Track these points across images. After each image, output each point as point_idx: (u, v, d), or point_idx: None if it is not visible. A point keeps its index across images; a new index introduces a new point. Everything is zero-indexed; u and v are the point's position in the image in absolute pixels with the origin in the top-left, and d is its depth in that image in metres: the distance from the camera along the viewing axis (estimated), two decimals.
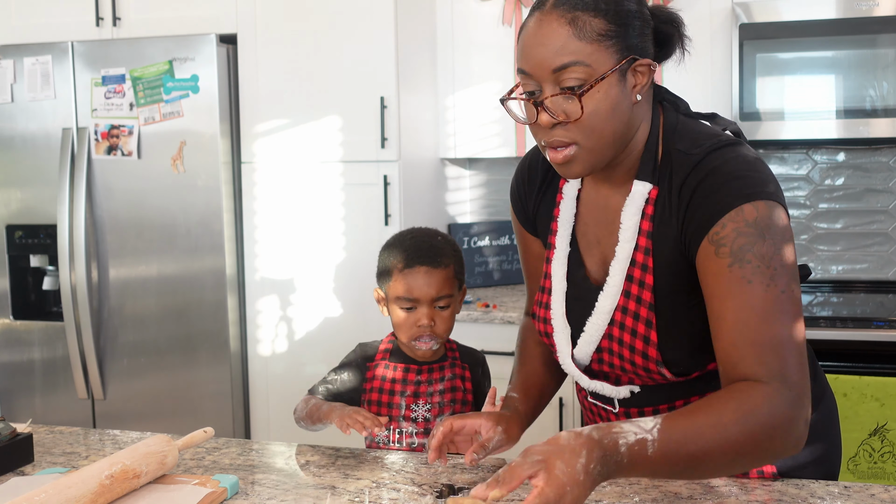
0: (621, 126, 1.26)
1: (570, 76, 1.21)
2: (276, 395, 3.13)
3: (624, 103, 1.24)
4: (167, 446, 1.40)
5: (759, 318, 1.17)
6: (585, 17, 1.21)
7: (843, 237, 3.23)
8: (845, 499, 1.30)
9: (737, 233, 1.19)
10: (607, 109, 1.23)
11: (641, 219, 1.30)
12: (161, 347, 3.14)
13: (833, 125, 2.80)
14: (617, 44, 1.22)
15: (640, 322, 1.30)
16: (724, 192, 1.21)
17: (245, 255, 3.13)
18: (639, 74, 1.25)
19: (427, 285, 1.66)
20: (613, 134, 1.25)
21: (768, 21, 2.82)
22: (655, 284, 1.29)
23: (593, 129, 1.23)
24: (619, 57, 1.22)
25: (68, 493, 1.23)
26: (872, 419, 2.50)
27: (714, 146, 1.26)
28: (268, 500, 1.35)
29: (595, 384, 1.41)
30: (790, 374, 1.16)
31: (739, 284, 1.18)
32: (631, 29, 1.23)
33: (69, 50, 3.12)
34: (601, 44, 1.21)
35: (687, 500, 1.31)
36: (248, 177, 3.12)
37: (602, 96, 1.22)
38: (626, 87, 1.24)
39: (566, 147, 1.25)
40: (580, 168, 1.27)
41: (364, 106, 2.98)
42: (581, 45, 1.20)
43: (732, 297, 1.18)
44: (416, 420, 1.71)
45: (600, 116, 1.23)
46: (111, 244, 3.15)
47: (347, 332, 3.01)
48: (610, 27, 1.21)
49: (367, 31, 2.96)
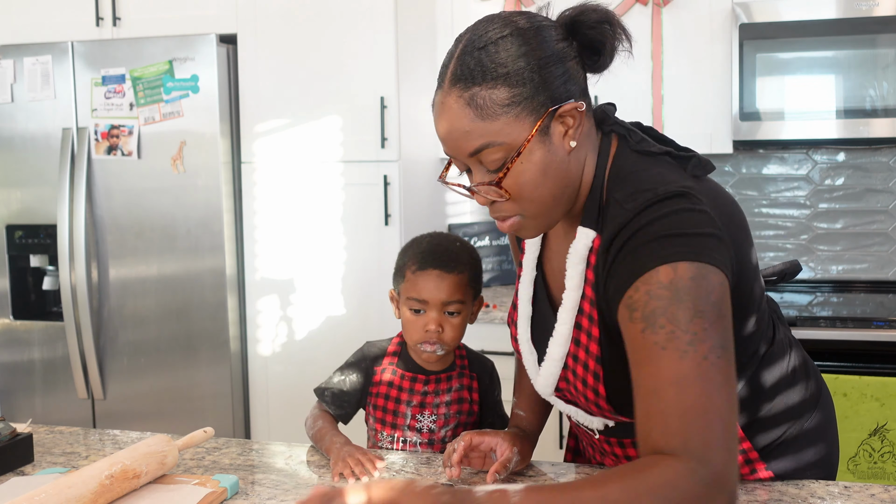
0: (559, 184, 1.17)
1: (489, 158, 1.14)
2: (276, 395, 3.13)
3: (556, 160, 1.15)
4: (167, 446, 1.40)
5: (674, 388, 1.03)
6: (484, 93, 1.11)
7: (843, 237, 3.23)
8: (845, 499, 1.30)
9: (649, 296, 1.07)
10: (538, 176, 1.14)
11: (587, 267, 1.23)
12: (161, 347, 3.14)
13: (833, 125, 2.80)
14: (528, 105, 1.12)
15: (588, 373, 1.25)
16: (642, 253, 1.10)
17: (245, 255, 3.13)
18: (567, 119, 1.15)
19: (437, 289, 1.62)
20: (553, 195, 1.17)
21: (768, 21, 2.82)
22: (601, 336, 1.22)
23: (530, 198, 1.16)
24: (535, 117, 1.12)
25: (68, 493, 1.23)
26: (872, 419, 2.50)
27: (649, 201, 1.12)
28: (268, 500, 1.35)
29: (570, 409, 1.36)
30: (708, 449, 1.01)
31: (652, 350, 1.06)
32: (543, 81, 1.13)
33: (69, 50, 3.12)
34: (508, 115, 1.12)
35: None
36: (248, 177, 3.12)
37: (527, 166, 1.13)
38: (554, 142, 1.15)
39: (509, 218, 1.20)
40: (532, 232, 1.23)
41: (364, 106, 2.98)
42: (486, 125, 1.12)
43: (645, 364, 1.07)
44: (420, 431, 1.69)
45: (532, 185, 1.15)
46: (111, 244, 3.15)
47: (347, 331, 3.01)
48: (514, 91, 1.11)
49: (367, 31, 2.96)
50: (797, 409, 1.37)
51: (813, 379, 1.43)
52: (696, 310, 1.05)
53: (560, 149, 1.15)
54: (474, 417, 1.74)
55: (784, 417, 1.35)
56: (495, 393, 1.78)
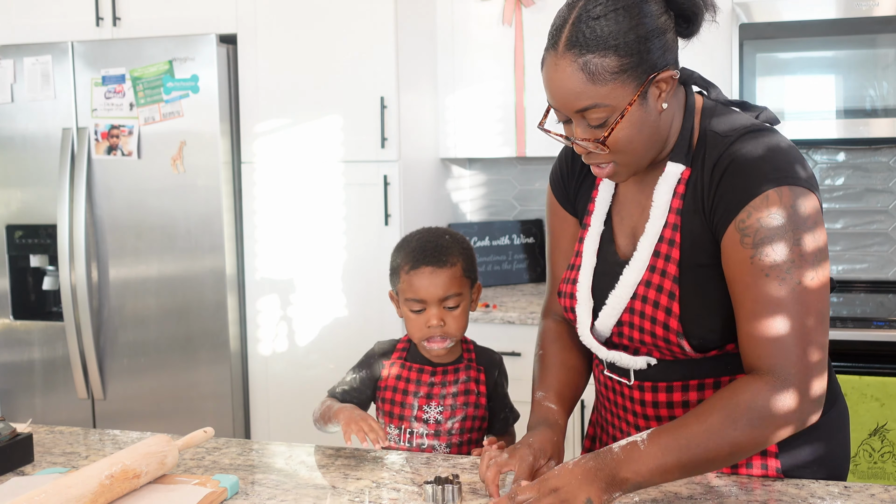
0: (653, 137, 1.32)
1: (593, 115, 1.28)
2: (276, 395, 3.13)
3: (650, 119, 1.30)
4: (167, 446, 1.40)
5: (770, 313, 1.23)
6: (596, 60, 1.24)
7: (843, 237, 3.23)
8: (845, 499, 1.30)
9: (759, 223, 1.24)
10: (634, 133, 1.29)
11: (672, 197, 1.35)
12: (161, 347, 3.14)
13: (833, 125, 2.80)
14: (633, 73, 1.25)
15: (663, 294, 1.34)
16: (752, 175, 1.26)
17: (245, 255, 3.13)
18: (661, 84, 1.29)
19: (433, 285, 1.65)
20: (646, 146, 1.32)
21: (768, 21, 2.82)
22: (681, 258, 1.34)
23: (625, 151, 1.31)
24: (638, 83, 1.26)
25: (68, 493, 1.23)
26: (872, 419, 2.50)
27: (748, 129, 1.31)
28: (268, 500, 1.35)
29: (613, 354, 1.43)
30: (788, 367, 1.22)
31: (757, 277, 1.24)
32: (647, 52, 1.26)
33: (69, 50, 3.12)
34: (616, 81, 1.25)
35: (687, 499, 1.31)
36: (248, 177, 3.12)
37: (626, 125, 1.28)
38: (650, 104, 1.29)
39: (605, 166, 1.34)
40: (623, 177, 1.37)
41: (364, 106, 2.98)
42: (596, 89, 1.25)
43: (750, 289, 1.25)
44: (427, 422, 1.70)
45: (629, 140, 1.29)
46: (111, 244, 3.15)
47: (348, 331, 3.01)
48: (623, 61, 1.24)
49: (367, 31, 2.96)
50: None
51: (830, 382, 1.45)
52: (796, 238, 1.23)
53: (654, 110, 1.30)
54: (482, 410, 1.75)
55: None
56: (504, 386, 1.80)
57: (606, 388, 1.51)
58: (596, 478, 1.18)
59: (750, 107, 1.41)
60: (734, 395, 1.22)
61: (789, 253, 1.22)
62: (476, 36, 3.20)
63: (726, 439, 1.20)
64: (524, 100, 3.16)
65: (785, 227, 1.23)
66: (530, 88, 3.15)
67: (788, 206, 1.23)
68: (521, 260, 3.46)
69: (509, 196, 3.60)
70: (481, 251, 3.41)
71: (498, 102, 3.20)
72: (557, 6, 1.35)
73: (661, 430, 1.22)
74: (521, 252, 3.46)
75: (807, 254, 1.23)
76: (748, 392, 1.22)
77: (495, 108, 3.20)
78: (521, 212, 3.59)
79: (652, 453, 1.20)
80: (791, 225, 1.23)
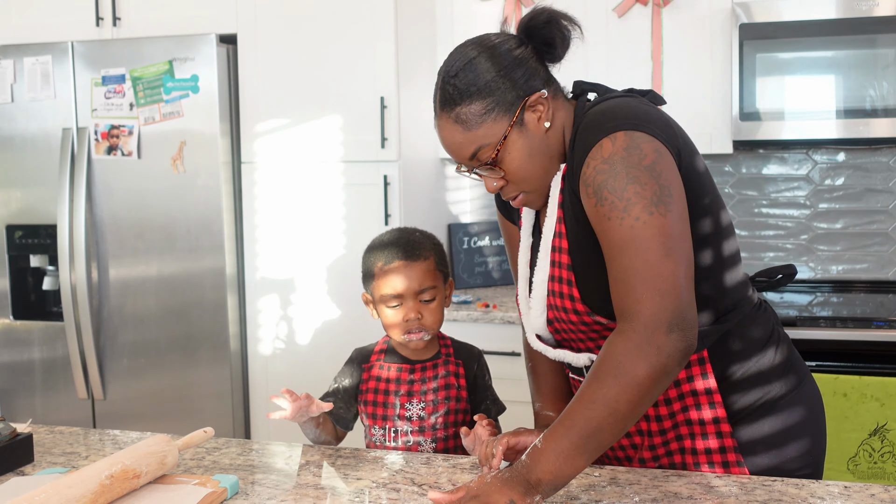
0: (545, 158, 1.38)
1: (483, 156, 1.36)
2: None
3: (536, 142, 1.37)
4: (167, 446, 1.40)
5: (614, 255, 1.26)
6: (464, 110, 1.34)
7: (843, 237, 3.23)
8: (845, 499, 1.30)
9: (596, 171, 1.28)
10: (525, 158, 1.37)
11: (559, 193, 1.40)
12: (161, 347, 3.14)
13: (833, 125, 2.80)
14: (500, 108, 1.34)
15: (563, 284, 1.40)
16: (589, 131, 1.31)
17: (245, 255, 3.13)
18: (537, 107, 1.36)
19: (408, 279, 1.69)
20: (543, 168, 1.39)
21: (768, 21, 2.81)
22: (570, 246, 1.38)
23: (525, 178, 1.38)
24: (510, 115, 1.35)
25: (68, 493, 1.23)
26: (872, 419, 2.50)
27: (598, 101, 1.37)
28: (268, 500, 1.35)
29: (558, 353, 1.48)
30: (632, 307, 1.23)
31: (603, 222, 1.27)
32: (507, 86, 1.34)
33: (69, 50, 3.12)
34: (487, 121, 1.34)
35: (687, 499, 1.31)
36: (248, 177, 3.12)
37: (513, 153, 1.36)
38: (530, 129, 1.36)
39: (516, 197, 1.42)
40: (537, 202, 1.44)
41: (364, 106, 2.98)
42: (472, 134, 1.35)
43: (601, 235, 1.29)
44: (410, 419, 1.72)
45: (523, 166, 1.37)
46: (111, 244, 3.15)
47: (348, 330, 3.01)
48: (486, 102, 1.34)
49: (367, 31, 2.96)
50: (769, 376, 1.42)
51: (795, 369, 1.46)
52: (630, 176, 1.25)
53: (537, 132, 1.37)
54: (463, 403, 1.76)
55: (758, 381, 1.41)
56: (485, 378, 1.81)
57: (575, 390, 1.54)
58: (513, 484, 1.21)
59: (636, 92, 1.43)
60: (599, 355, 1.25)
61: (624, 192, 1.24)
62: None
63: (599, 402, 1.20)
64: None
65: (617, 168, 1.25)
66: None
67: (621, 149, 1.26)
68: None
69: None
70: (481, 251, 3.41)
71: None
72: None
73: (552, 425, 1.24)
74: None
75: (643, 191, 1.24)
76: (607, 346, 1.24)
77: None
78: None
79: (549, 448, 1.21)
80: (624, 165, 1.25)
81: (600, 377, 1.21)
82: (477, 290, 3.34)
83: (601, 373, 1.22)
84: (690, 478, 1.39)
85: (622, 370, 1.20)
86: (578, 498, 1.33)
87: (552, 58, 1.40)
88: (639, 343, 1.20)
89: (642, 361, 1.19)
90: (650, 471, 1.43)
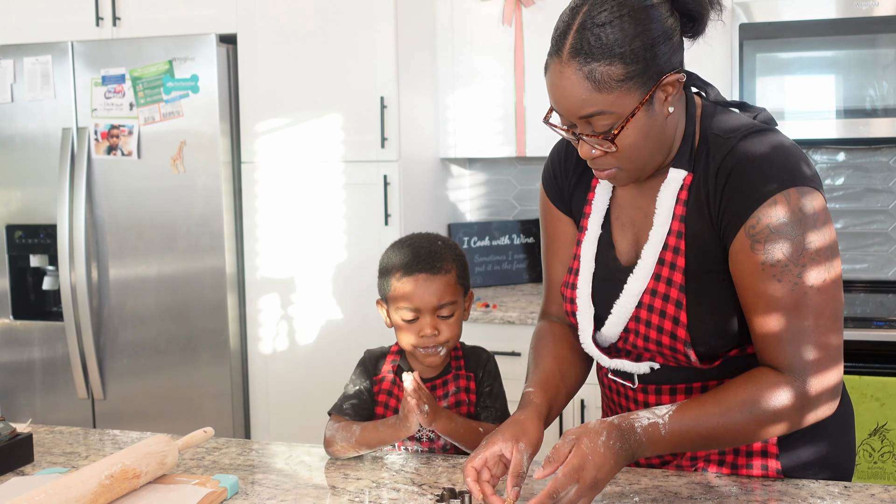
0: (658, 143, 1.31)
1: (599, 122, 1.25)
2: (276, 395, 3.13)
3: (657, 125, 1.28)
4: (167, 446, 1.40)
5: (784, 314, 1.25)
6: (602, 68, 1.22)
7: (843, 237, 3.23)
8: (845, 499, 1.30)
9: (770, 229, 1.24)
10: (641, 139, 1.27)
11: (675, 203, 1.34)
12: (161, 347, 3.14)
13: (833, 125, 2.80)
14: (639, 80, 1.23)
15: (669, 303, 1.33)
16: (758, 178, 1.26)
17: (245, 255, 3.13)
18: (668, 87, 1.27)
19: (428, 293, 1.57)
20: (651, 152, 1.31)
21: (768, 21, 2.81)
22: (687, 266, 1.33)
23: (631, 157, 1.29)
24: (645, 90, 1.24)
25: (68, 493, 1.23)
26: (872, 419, 2.50)
27: (749, 130, 1.30)
28: (268, 500, 1.35)
29: (615, 362, 1.44)
30: (805, 367, 1.25)
31: (769, 282, 1.25)
32: (653, 57, 1.24)
33: (69, 50, 3.12)
34: (622, 88, 1.23)
35: (687, 500, 1.31)
36: (248, 176, 3.12)
37: (632, 131, 1.26)
38: (656, 109, 1.27)
39: (608, 170, 1.32)
40: (624, 181, 1.35)
41: (364, 106, 2.98)
42: (602, 97, 1.23)
43: (763, 293, 1.26)
44: (420, 440, 1.64)
45: (636, 146, 1.28)
46: (111, 244, 3.15)
47: (348, 330, 3.01)
48: (629, 69, 1.22)
49: (367, 30, 2.96)
50: None
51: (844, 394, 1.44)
52: (801, 238, 1.24)
53: (660, 114, 1.28)
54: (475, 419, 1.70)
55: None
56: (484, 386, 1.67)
57: (611, 391, 1.50)
58: (624, 458, 1.23)
59: (748, 107, 1.40)
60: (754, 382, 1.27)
61: (793, 252, 1.24)
62: (476, 36, 3.20)
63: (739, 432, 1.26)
64: (524, 100, 3.16)
65: (791, 228, 1.24)
66: (530, 88, 3.14)
67: (796, 209, 1.24)
68: (521, 260, 3.46)
69: (509, 196, 3.60)
70: (481, 251, 3.40)
71: (498, 102, 3.20)
72: (558, 6, 1.33)
73: (682, 416, 1.25)
74: (520, 252, 3.46)
75: (811, 252, 1.24)
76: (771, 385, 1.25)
77: (495, 108, 3.20)
78: (520, 212, 3.59)
79: (671, 441, 1.25)
80: (797, 226, 1.24)
81: (751, 409, 1.25)
82: (477, 290, 3.34)
83: (752, 405, 1.25)
84: (690, 478, 1.39)
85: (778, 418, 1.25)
86: None
87: (691, 33, 1.31)
88: (785, 404, 1.25)
89: (782, 422, 1.26)
90: (650, 470, 1.43)
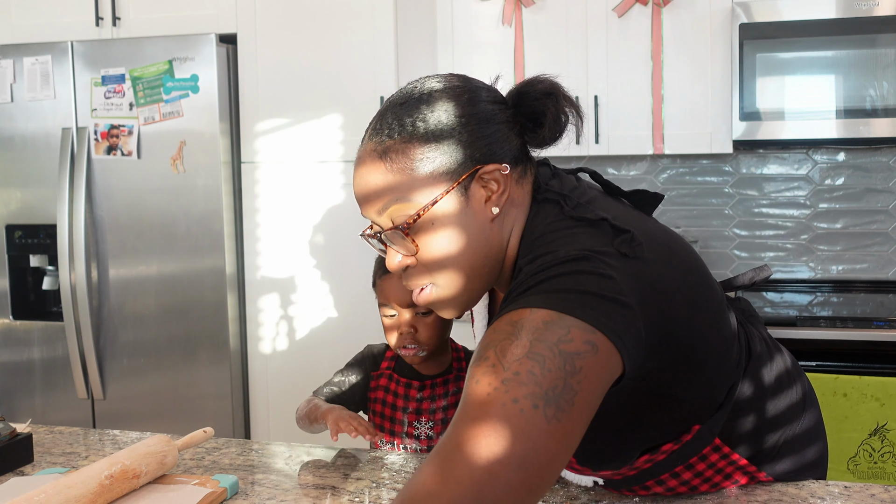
0: (478, 252, 1.07)
1: (398, 214, 1.06)
2: (276, 395, 3.13)
3: (473, 225, 1.06)
4: (167, 446, 1.40)
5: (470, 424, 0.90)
6: (398, 147, 1.05)
7: (843, 237, 3.23)
8: (845, 499, 1.30)
9: (493, 331, 0.96)
10: (448, 237, 1.05)
11: None
12: (161, 347, 3.14)
13: (833, 125, 2.80)
14: (445, 162, 1.05)
15: None
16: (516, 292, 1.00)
17: (245, 255, 3.13)
18: (490, 183, 1.06)
19: (401, 291, 1.58)
20: (470, 264, 1.07)
21: (768, 21, 2.81)
22: None
23: (441, 265, 1.06)
24: (452, 176, 1.05)
25: (68, 493, 1.23)
26: (872, 419, 2.50)
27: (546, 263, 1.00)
28: (268, 500, 1.35)
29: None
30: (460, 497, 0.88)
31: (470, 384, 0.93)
32: (464, 139, 1.05)
33: (69, 50, 3.12)
34: (420, 169, 1.04)
35: (687, 499, 1.31)
36: (248, 176, 3.12)
37: (437, 225, 1.05)
38: (473, 206, 1.06)
39: (423, 289, 1.10)
40: (449, 309, 1.12)
41: (364, 105, 2.98)
42: (393, 179, 1.05)
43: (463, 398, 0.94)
44: (419, 437, 1.66)
45: (442, 247, 1.06)
46: (111, 244, 3.15)
47: (347, 330, 3.01)
48: (429, 147, 1.04)
49: (367, 30, 2.96)
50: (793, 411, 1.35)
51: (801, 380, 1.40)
52: (533, 352, 0.91)
53: (480, 214, 1.07)
54: None
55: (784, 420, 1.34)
56: None
57: None
58: None
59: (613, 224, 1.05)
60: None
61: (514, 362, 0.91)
62: (476, 36, 3.20)
63: None
64: None
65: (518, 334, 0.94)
66: None
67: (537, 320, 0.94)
68: None
69: None
70: None
71: None
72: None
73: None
74: None
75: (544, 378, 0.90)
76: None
77: None
78: None
79: None
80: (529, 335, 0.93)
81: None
82: None
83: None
84: None
85: None
86: (578, 498, 1.33)
87: (534, 139, 1.10)
88: None
89: None
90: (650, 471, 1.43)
